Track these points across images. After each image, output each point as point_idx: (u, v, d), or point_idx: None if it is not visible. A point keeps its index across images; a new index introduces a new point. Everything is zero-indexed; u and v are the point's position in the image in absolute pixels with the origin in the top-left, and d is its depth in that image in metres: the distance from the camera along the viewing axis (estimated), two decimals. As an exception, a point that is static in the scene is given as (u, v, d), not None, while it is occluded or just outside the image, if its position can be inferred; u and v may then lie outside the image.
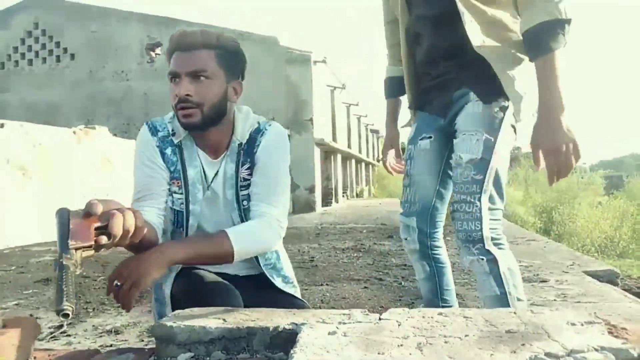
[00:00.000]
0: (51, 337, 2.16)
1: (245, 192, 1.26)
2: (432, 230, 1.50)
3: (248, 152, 1.25)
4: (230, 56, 1.22)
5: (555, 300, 2.61)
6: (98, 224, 0.85)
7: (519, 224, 11.16)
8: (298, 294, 1.35)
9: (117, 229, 0.85)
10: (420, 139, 1.49)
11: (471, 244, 1.28)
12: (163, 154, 1.23)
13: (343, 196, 16.27)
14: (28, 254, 5.52)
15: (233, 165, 1.25)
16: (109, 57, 11.26)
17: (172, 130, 1.24)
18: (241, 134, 1.25)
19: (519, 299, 1.29)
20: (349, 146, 17.84)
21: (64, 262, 0.78)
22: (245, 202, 1.26)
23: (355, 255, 4.71)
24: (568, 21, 1.16)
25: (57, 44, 11.63)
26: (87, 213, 0.85)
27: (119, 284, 1.00)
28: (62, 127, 7.86)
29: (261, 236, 1.19)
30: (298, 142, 10.33)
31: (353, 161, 19.45)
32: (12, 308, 2.82)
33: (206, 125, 1.19)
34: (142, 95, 11.06)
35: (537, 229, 13.56)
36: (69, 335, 2.21)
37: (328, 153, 13.47)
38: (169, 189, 1.24)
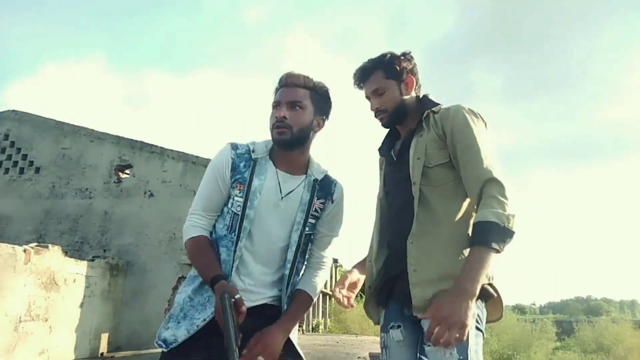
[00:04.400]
0: None
1: (312, 221, 1.53)
2: None
3: (322, 190, 1.55)
4: (320, 97, 1.55)
5: None
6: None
7: (478, 373, 10.82)
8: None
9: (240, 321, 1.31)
10: (390, 328, 1.52)
11: None
12: (235, 166, 1.49)
13: (299, 330, 15.59)
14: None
15: (309, 194, 1.52)
16: (75, 174, 11.19)
17: (253, 149, 1.52)
18: (316, 172, 1.56)
19: None
20: (308, 277, 17.62)
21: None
22: (308, 228, 1.53)
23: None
24: (511, 234, 1.30)
25: (24, 157, 11.54)
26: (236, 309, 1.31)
27: None
28: (11, 245, 7.46)
29: (323, 280, 1.58)
30: (258, 273, 10.09)
31: (310, 292, 19.08)
32: None
33: (292, 143, 1.49)
34: (102, 214, 10.83)
35: (496, 378, 13.15)
36: None
37: (286, 284, 13.20)
38: (231, 193, 1.50)
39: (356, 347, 11.40)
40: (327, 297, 24.10)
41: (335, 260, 27.46)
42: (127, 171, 11.25)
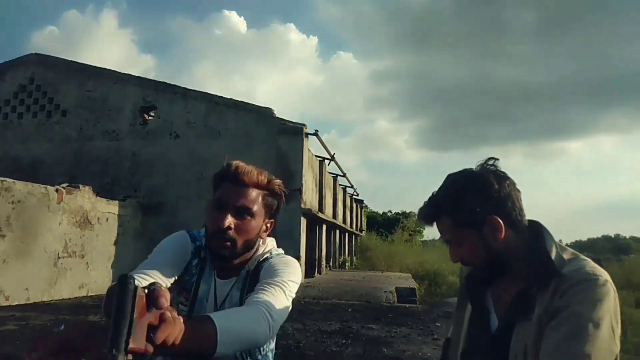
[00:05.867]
0: None
1: None
2: None
3: (253, 279, 1.22)
4: (275, 199, 1.25)
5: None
6: (151, 323, 0.68)
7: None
8: None
9: (161, 339, 0.67)
10: None
11: None
12: (190, 262, 1.24)
13: (326, 267, 15.93)
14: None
15: (239, 292, 1.23)
16: (101, 116, 11.27)
17: (205, 244, 1.25)
18: (252, 263, 1.25)
19: None
20: (334, 216, 17.74)
21: None
22: None
23: (343, 342, 4.46)
24: None
25: (50, 100, 11.65)
26: (149, 302, 0.67)
27: None
28: (43, 185, 7.65)
29: (251, 325, 0.99)
30: (285, 211, 10.07)
31: (337, 231, 19.28)
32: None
33: (232, 257, 1.20)
34: (130, 156, 10.98)
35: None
36: None
37: (313, 223, 13.34)
38: (177, 299, 1.23)
39: (383, 283, 11.60)
40: (353, 235, 24.46)
41: (361, 202, 27.55)
42: (152, 113, 11.25)
